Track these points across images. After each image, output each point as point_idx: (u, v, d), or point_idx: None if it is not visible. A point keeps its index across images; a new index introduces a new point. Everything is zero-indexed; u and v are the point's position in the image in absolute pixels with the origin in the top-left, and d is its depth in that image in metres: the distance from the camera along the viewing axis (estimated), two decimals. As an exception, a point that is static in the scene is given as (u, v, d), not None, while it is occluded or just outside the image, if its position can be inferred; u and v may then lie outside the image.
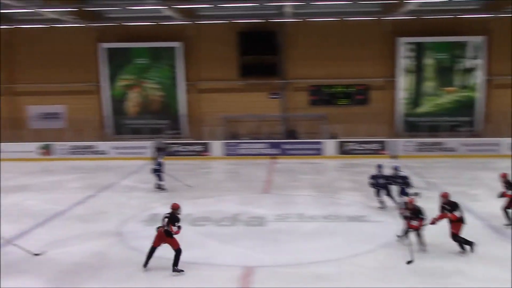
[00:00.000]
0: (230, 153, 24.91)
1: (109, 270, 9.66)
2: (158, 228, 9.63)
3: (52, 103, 27.40)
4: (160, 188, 17.06)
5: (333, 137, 25.07)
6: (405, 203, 10.59)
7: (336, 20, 24.74)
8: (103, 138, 26.38)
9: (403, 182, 13.37)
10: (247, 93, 26.62)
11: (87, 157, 25.01)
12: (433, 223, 10.05)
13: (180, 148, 25.23)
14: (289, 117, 26.82)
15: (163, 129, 26.65)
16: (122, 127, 27.01)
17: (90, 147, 25.40)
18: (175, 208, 9.72)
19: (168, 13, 22.90)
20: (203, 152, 25.10)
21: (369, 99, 26.26)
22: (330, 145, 24.62)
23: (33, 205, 15.23)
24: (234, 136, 26.11)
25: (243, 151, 24.90)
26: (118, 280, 9.15)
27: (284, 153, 24.75)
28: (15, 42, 26.89)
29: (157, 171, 17.12)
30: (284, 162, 23.25)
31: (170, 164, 23.35)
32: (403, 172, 13.96)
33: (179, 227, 9.45)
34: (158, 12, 23.17)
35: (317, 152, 24.64)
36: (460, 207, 10.14)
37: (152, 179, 17.23)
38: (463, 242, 10.08)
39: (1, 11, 21.97)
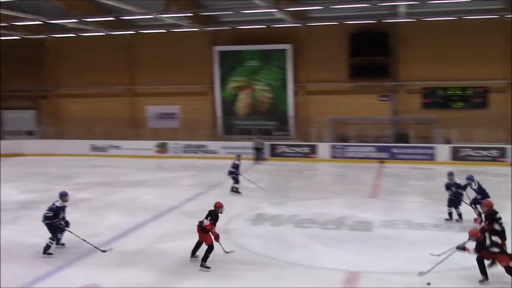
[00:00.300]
0: (337, 156, 24.67)
1: (215, 265, 9.97)
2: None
3: (168, 103, 28.93)
4: (235, 191, 16.80)
5: (446, 142, 23.87)
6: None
7: (453, 19, 23.48)
8: (214, 138, 27.35)
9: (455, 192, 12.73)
10: (357, 95, 26.19)
11: (198, 155, 26.08)
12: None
13: (287, 150, 25.43)
14: (400, 120, 25.98)
15: (271, 130, 27.04)
16: (232, 128, 27.79)
17: (202, 146, 26.47)
18: (217, 206, 10.17)
19: (279, 15, 23.19)
20: (310, 154, 25.10)
21: (487, 102, 24.64)
22: (443, 150, 23.47)
23: (148, 199, 16.17)
24: (342, 138, 25.81)
25: (350, 154, 24.55)
26: (224, 275, 9.42)
27: (394, 157, 24.02)
28: (136, 46, 28.76)
29: (233, 173, 16.85)
30: (393, 167, 22.57)
31: (276, 165, 23.75)
32: (458, 180, 13.01)
33: (212, 224, 9.76)
34: (270, 15, 23.56)
35: (429, 157, 23.63)
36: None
37: (259, 179, 17.52)
38: None
39: (124, 17, 23.59)
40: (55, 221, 10.70)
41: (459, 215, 12.89)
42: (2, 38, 27.08)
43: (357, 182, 19.10)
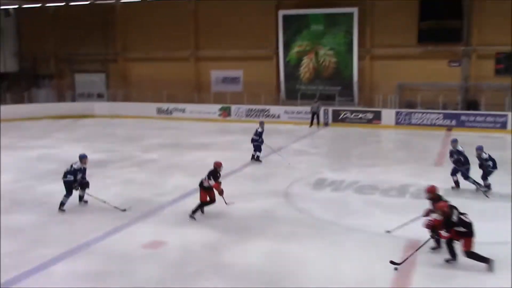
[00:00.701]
0: (402, 122, 24.10)
1: (276, 227, 10.12)
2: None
3: (232, 68, 29.09)
4: (255, 159, 16.34)
5: (520, 109, 22.75)
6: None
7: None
8: (277, 102, 27.33)
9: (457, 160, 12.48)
10: (425, 60, 25.29)
11: (261, 119, 26.17)
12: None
13: (350, 115, 25.08)
14: (470, 87, 24.91)
15: (334, 95, 26.69)
16: (295, 92, 27.64)
17: (264, 110, 26.56)
18: (217, 165, 10.89)
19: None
20: (374, 120, 24.65)
21: None
22: (516, 119, 22.39)
23: (212, 162, 16.49)
24: (408, 104, 25.11)
25: (416, 121, 23.90)
26: (284, 237, 9.55)
27: (462, 125, 23.19)
28: (201, 11, 28.94)
29: (255, 141, 16.35)
30: (460, 135, 21.74)
31: (338, 131, 23.52)
32: (460, 148, 12.67)
33: (217, 182, 10.44)
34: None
35: (500, 126, 22.61)
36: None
37: (321, 144, 17.43)
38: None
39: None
40: (69, 180, 11.25)
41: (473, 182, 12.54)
42: (75, 3, 28.02)
43: (422, 150, 18.63)
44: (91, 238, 9.61)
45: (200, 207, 10.71)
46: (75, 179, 11.29)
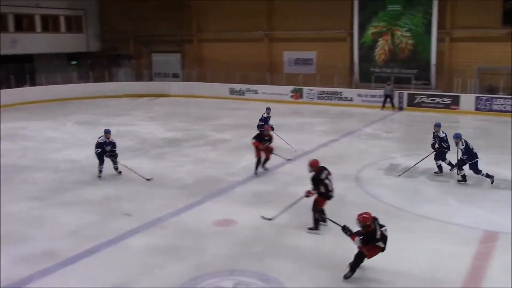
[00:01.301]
0: (482, 108, 22.98)
1: (345, 212, 10.05)
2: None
3: (305, 49, 28.84)
4: None
5: None
6: None
7: None
8: (350, 85, 26.88)
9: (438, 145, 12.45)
10: (510, 42, 23.85)
11: (333, 102, 25.93)
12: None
13: (427, 100, 24.24)
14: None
15: (410, 78, 25.87)
16: (369, 75, 27.05)
17: (336, 93, 26.23)
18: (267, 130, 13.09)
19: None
20: (452, 105, 23.69)
21: None
22: None
23: (282, 143, 16.57)
24: (489, 89, 23.90)
25: (497, 107, 22.72)
26: (354, 221, 9.46)
27: (549, 112, 21.79)
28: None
29: (260, 127, 15.45)
30: (547, 123, 20.52)
31: (413, 115, 22.83)
32: (442, 133, 12.40)
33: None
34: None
35: None
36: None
37: (395, 128, 17.04)
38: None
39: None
40: (98, 152, 12.50)
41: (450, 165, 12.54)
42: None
43: (502, 138, 17.72)
44: (164, 214, 10.00)
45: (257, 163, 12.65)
46: (104, 151, 12.43)
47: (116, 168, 12.84)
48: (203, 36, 31.68)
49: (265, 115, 16.14)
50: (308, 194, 8.98)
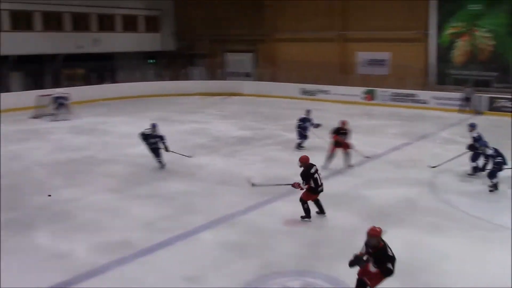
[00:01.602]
0: None
1: (418, 218, 9.82)
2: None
3: (379, 50, 28.28)
4: (299, 146, 15.65)
5: None
6: None
7: None
8: (425, 87, 26.07)
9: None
10: None
11: (407, 104, 25.27)
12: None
13: (509, 104, 23.05)
14: None
15: (490, 81, 24.73)
16: (446, 77, 26.11)
17: (411, 95, 25.53)
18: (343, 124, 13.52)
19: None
20: (536, 110, 22.41)
21: None
22: None
23: (353, 145, 16.35)
24: None
25: None
26: (426, 228, 9.23)
27: None
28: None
29: (299, 128, 15.74)
30: None
31: (494, 120, 21.80)
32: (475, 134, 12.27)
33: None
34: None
35: None
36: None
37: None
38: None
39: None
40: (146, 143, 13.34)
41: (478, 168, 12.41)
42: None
43: None
44: (235, 211, 10.17)
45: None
46: (149, 143, 13.32)
47: (158, 162, 13.45)
48: (276, 36, 31.81)
49: (303, 116, 16.14)
50: (295, 186, 9.51)
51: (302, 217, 9.64)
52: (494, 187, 11.35)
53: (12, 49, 25.68)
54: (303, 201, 9.63)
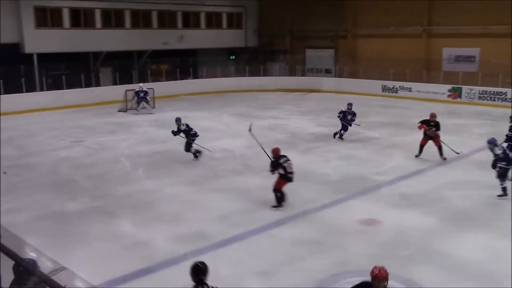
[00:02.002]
0: None
1: (503, 222, 9.32)
2: None
3: (467, 45, 27.01)
4: (338, 137, 16.62)
5: None
6: None
7: None
8: (515, 85, 24.60)
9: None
10: None
11: (496, 103, 23.99)
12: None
13: None
14: None
15: None
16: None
17: (501, 93, 24.21)
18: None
19: None
20: None
21: None
22: None
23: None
24: None
25: None
26: (508, 233, 8.75)
27: None
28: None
29: (342, 119, 16.45)
30: None
31: None
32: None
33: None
34: None
35: None
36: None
37: None
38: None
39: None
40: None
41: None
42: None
43: None
44: (310, 208, 10.15)
45: None
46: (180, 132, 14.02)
47: (193, 153, 14.11)
48: (358, 31, 31.28)
49: (344, 109, 16.74)
50: (272, 172, 10.32)
51: (274, 206, 10.17)
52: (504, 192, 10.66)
53: (103, 46, 27.09)
54: (276, 190, 10.21)
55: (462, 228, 9.13)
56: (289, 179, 10.23)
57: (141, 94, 22.98)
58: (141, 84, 24.08)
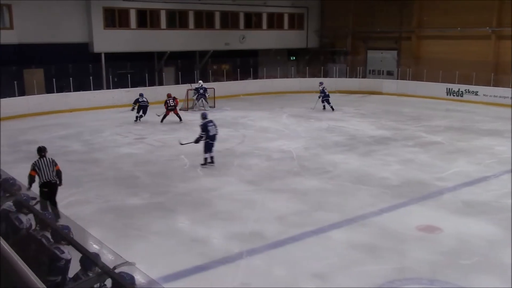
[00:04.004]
0: None
1: None
2: None
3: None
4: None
5: None
6: None
7: None
8: None
9: None
10: None
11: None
12: None
13: None
14: None
15: None
16: None
17: None
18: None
19: None
20: None
21: None
22: None
23: (502, 151, 15.17)
24: None
25: None
26: None
27: None
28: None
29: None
30: None
31: None
32: None
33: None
34: None
35: None
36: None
37: None
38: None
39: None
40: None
41: None
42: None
43: None
44: (367, 212, 10.00)
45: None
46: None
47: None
48: (422, 32, 30.45)
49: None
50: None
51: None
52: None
53: (167, 46, 27.77)
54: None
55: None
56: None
57: (201, 91, 23.54)
58: (200, 81, 24.73)
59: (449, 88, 27.28)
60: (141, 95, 21.13)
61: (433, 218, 9.64)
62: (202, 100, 23.62)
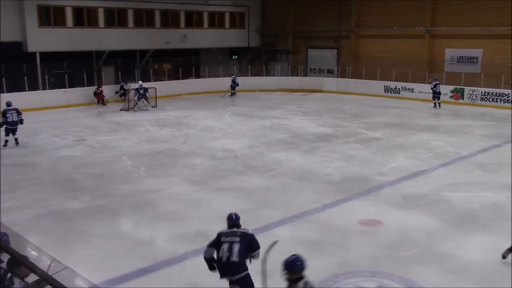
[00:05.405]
0: None
1: (506, 224, 9.30)
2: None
3: (469, 46, 26.95)
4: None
5: None
6: None
7: None
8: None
9: None
10: None
11: (498, 105, 23.97)
12: None
13: None
14: None
15: None
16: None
17: (503, 94, 24.16)
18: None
19: None
20: None
21: None
22: None
23: (438, 145, 15.80)
24: None
25: None
26: (508, 233, 8.74)
27: None
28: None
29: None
30: None
31: None
32: None
33: None
34: None
35: None
36: None
37: None
38: None
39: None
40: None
41: None
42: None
43: None
44: (311, 208, 10.15)
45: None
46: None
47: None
48: (361, 32, 31.23)
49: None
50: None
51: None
52: None
53: (105, 45, 27.09)
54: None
55: (464, 229, 9.13)
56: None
57: (141, 91, 23.21)
58: (140, 81, 24.45)
59: (387, 86, 28.14)
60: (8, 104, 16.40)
61: (374, 212, 9.91)
62: (143, 100, 23.28)
